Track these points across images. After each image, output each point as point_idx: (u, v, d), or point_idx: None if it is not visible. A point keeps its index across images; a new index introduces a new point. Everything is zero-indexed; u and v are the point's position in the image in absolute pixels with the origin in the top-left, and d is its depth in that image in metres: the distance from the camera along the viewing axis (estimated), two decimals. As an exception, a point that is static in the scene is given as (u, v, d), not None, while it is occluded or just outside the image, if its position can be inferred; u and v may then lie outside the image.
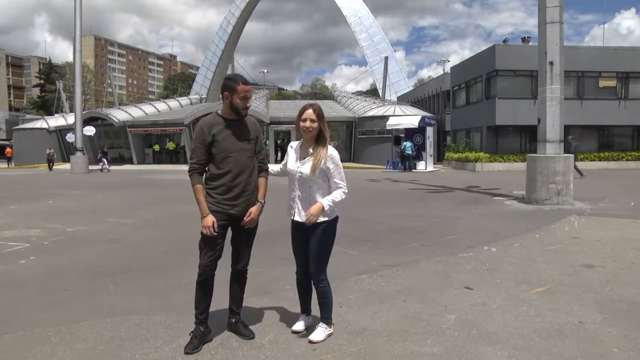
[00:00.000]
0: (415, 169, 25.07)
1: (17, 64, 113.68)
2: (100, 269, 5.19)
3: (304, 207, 3.10)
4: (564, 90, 11.14)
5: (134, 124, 35.30)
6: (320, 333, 3.18)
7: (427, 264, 5.33)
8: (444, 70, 42.37)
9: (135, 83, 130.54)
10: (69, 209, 10.68)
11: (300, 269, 3.30)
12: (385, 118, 29.14)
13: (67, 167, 28.43)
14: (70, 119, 34.79)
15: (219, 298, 3.44)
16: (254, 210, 3.15)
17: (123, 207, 11.08)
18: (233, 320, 3.33)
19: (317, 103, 3.16)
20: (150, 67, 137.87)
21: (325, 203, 3.04)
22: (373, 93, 55.01)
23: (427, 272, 5.02)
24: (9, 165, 38.18)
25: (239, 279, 3.34)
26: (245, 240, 3.26)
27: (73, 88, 31.53)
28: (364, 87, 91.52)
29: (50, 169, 30.26)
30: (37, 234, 7.39)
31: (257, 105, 33.11)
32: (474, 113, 27.68)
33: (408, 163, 24.73)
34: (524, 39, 28.03)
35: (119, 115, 36.02)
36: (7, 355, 3.05)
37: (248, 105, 3.13)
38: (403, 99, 43.26)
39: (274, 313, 3.75)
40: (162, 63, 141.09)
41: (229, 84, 3.09)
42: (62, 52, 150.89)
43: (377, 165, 27.93)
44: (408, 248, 6.24)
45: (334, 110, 37.44)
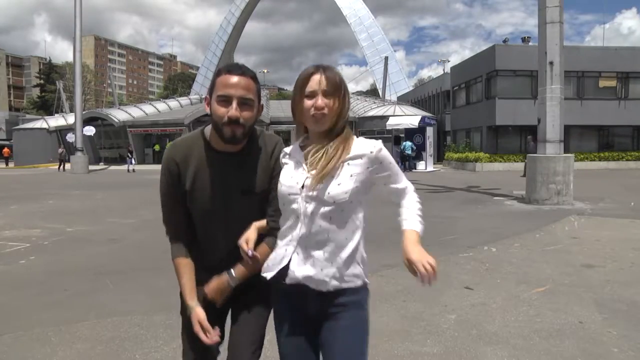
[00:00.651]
0: (415, 169, 25.07)
1: (17, 64, 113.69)
2: (100, 269, 5.19)
3: (311, 256, 1.50)
4: (564, 90, 11.13)
5: (134, 124, 35.30)
6: None
7: (427, 264, 5.32)
8: (444, 70, 42.37)
9: (135, 83, 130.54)
10: (69, 209, 10.68)
11: None
12: (385, 118, 29.15)
13: (67, 167, 28.42)
14: (70, 119, 34.79)
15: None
16: (213, 286, 1.68)
17: (123, 207, 11.08)
18: None
19: (332, 66, 1.56)
20: (150, 67, 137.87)
21: (417, 225, 1.55)
22: (373, 93, 55.00)
23: (427, 272, 5.01)
24: (7, 165, 38.16)
25: None
26: (244, 335, 1.72)
27: (73, 88, 31.56)
28: (364, 87, 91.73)
29: (63, 169, 28.36)
30: (37, 234, 7.39)
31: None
32: (474, 113, 27.68)
33: (408, 163, 24.73)
34: (524, 39, 28.03)
35: (119, 115, 36.02)
36: (7, 355, 3.05)
37: (234, 117, 1.57)
38: (403, 99, 43.26)
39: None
40: (162, 63, 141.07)
41: (212, 80, 1.66)
42: (62, 52, 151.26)
43: (377, 165, 27.87)
44: (408, 248, 6.22)
45: (334, 110, 37.35)
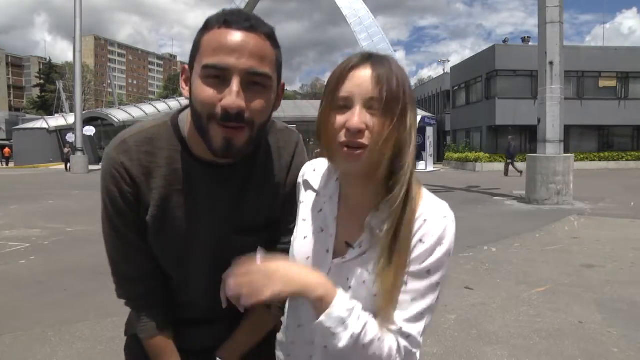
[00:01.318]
0: (416, 169, 25.04)
1: (17, 64, 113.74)
2: (100, 269, 5.18)
3: None
4: (564, 90, 11.14)
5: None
6: None
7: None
8: (444, 70, 42.38)
9: (135, 83, 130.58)
10: (69, 209, 10.67)
11: None
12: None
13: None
14: (70, 119, 34.80)
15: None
16: None
17: (123, 207, 11.07)
18: None
19: (391, 58, 0.90)
20: (150, 67, 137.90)
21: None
22: (373, 93, 54.89)
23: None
24: (7, 165, 38.18)
25: None
26: None
27: (73, 88, 31.56)
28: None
29: (68, 169, 27.73)
30: (37, 234, 7.39)
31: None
32: (474, 113, 27.69)
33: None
34: (524, 39, 28.07)
35: (119, 115, 36.04)
36: (7, 355, 3.05)
37: (234, 108, 0.88)
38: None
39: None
40: (162, 63, 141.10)
41: (196, 39, 0.95)
42: (62, 52, 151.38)
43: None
44: (408, 248, 6.23)
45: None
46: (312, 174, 1.04)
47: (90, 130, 32.54)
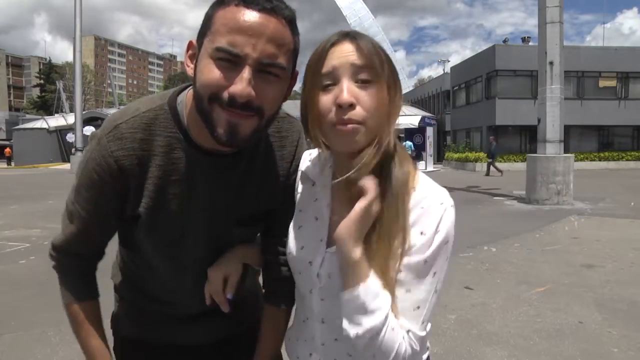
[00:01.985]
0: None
1: (17, 64, 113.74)
2: (100, 269, 5.19)
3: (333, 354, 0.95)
4: (564, 90, 11.14)
5: (134, 124, 35.25)
6: None
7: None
8: (444, 70, 42.40)
9: (135, 83, 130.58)
10: (69, 209, 10.67)
11: None
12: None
13: (67, 167, 28.44)
14: (70, 119, 34.77)
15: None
16: None
17: (123, 207, 11.08)
18: None
19: (367, 35, 0.88)
20: (150, 67, 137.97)
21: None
22: (373, 93, 54.92)
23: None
24: (8, 165, 38.18)
25: None
26: None
27: (73, 88, 31.55)
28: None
29: None
30: (37, 234, 7.39)
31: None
32: (474, 113, 27.69)
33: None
34: (524, 39, 28.07)
35: (119, 115, 35.97)
36: (7, 355, 3.06)
37: (244, 96, 0.82)
38: (403, 99, 43.09)
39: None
40: (162, 63, 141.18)
41: (207, 13, 0.87)
42: (62, 52, 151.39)
43: (377, 165, 27.90)
44: (408, 248, 6.24)
45: (334, 110, 37.40)
46: (308, 164, 1.01)
47: (90, 130, 32.54)
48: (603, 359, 2.93)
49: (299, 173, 1.03)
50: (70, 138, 31.03)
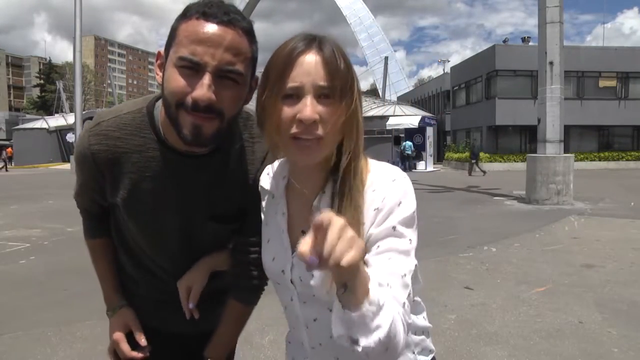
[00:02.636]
0: (415, 169, 25.08)
1: (17, 64, 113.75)
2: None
3: None
4: (564, 90, 11.14)
5: (134, 124, 35.27)
6: None
7: (427, 264, 5.33)
8: (444, 70, 42.42)
9: (135, 83, 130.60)
10: (69, 209, 10.63)
11: None
12: (385, 118, 29.14)
13: (67, 167, 28.45)
14: (70, 119, 34.78)
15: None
16: None
17: (123, 207, 11.08)
18: None
19: (332, 39, 0.86)
20: (150, 67, 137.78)
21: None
22: (373, 93, 55.04)
23: (427, 272, 5.02)
24: (10, 164, 38.16)
25: None
26: None
27: (73, 88, 31.54)
28: (364, 87, 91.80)
29: None
30: (37, 234, 7.39)
31: (251, 110, 32.90)
32: (474, 113, 27.70)
33: (408, 163, 24.73)
34: (524, 39, 28.08)
35: (119, 115, 36.00)
36: (7, 355, 3.06)
37: (204, 100, 0.91)
38: (403, 99, 43.26)
39: (274, 313, 3.75)
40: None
41: (173, 25, 0.97)
42: (61, 51, 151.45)
43: (377, 165, 27.91)
44: (408, 248, 6.24)
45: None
46: (266, 179, 1.02)
47: (90, 131, 32.51)
48: (603, 359, 2.93)
49: (260, 189, 1.04)
50: (70, 138, 31.05)
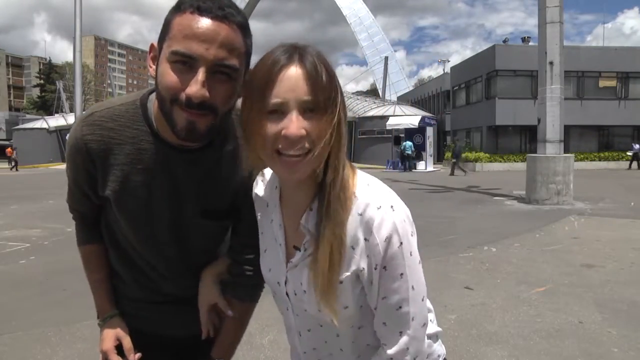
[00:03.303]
0: (415, 169, 25.08)
1: (17, 64, 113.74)
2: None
3: None
4: (564, 90, 11.14)
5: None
6: None
7: (427, 264, 5.31)
8: (444, 70, 42.41)
9: (135, 83, 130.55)
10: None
11: None
12: (385, 118, 29.16)
13: (62, 167, 28.44)
14: (70, 119, 34.81)
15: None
16: None
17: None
18: None
19: (314, 48, 0.87)
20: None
21: None
22: (373, 93, 55.02)
23: (427, 272, 4.96)
24: (10, 165, 38.13)
25: None
26: None
27: (73, 88, 31.53)
28: (364, 87, 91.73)
29: None
30: (37, 234, 7.39)
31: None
32: (474, 113, 27.70)
33: (408, 163, 24.74)
34: (524, 39, 28.08)
35: (119, 115, 35.96)
36: (7, 355, 3.06)
37: (198, 97, 0.90)
38: (403, 99, 43.28)
39: (274, 313, 3.75)
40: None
41: (166, 18, 0.95)
42: (61, 51, 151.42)
43: (377, 165, 27.94)
44: (408, 248, 6.24)
45: (334, 110, 37.41)
46: (260, 186, 1.01)
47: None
48: (603, 359, 2.93)
49: (254, 196, 1.04)
50: (70, 138, 30.99)
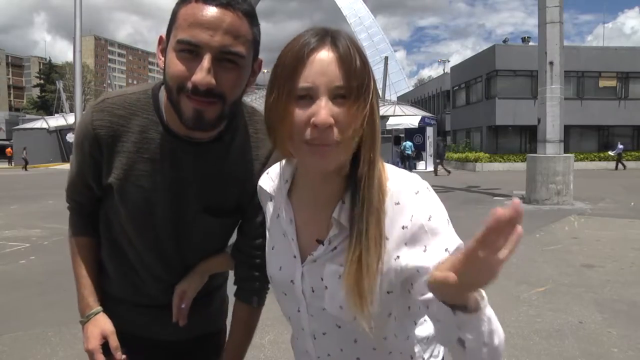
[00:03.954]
0: (415, 169, 25.09)
1: (17, 64, 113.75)
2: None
3: None
4: (564, 90, 11.14)
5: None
6: None
7: (427, 264, 5.34)
8: (444, 70, 42.42)
9: (135, 83, 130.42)
10: (69, 209, 10.68)
11: None
12: (385, 118, 29.09)
13: (67, 167, 28.48)
14: (70, 119, 34.79)
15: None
16: None
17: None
18: None
19: (347, 34, 0.80)
20: (151, 67, 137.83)
21: None
22: (373, 93, 54.96)
23: (427, 272, 5.02)
24: (10, 165, 38.17)
25: None
26: None
27: (73, 88, 31.52)
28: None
29: None
30: (37, 234, 7.39)
31: (257, 106, 32.84)
32: (474, 113, 27.70)
33: (408, 163, 24.74)
34: (524, 39, 28.09)
35: (119, 115, 35.95)
36: (7, 355, 3.06)
37: (204, 84, 0.89)
38: (403, 99, 43.30)
39: (274, 313, 3.75)
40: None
41: (174, 9, 0.97)
42: (61, 51, 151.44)
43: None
44: (408, 248, 6.24)
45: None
46: (266, 180, 0.98)
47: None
48: (603, 359, 2.93)
49: (259, 192, 1.00)
50: (70, 138, 31.00)
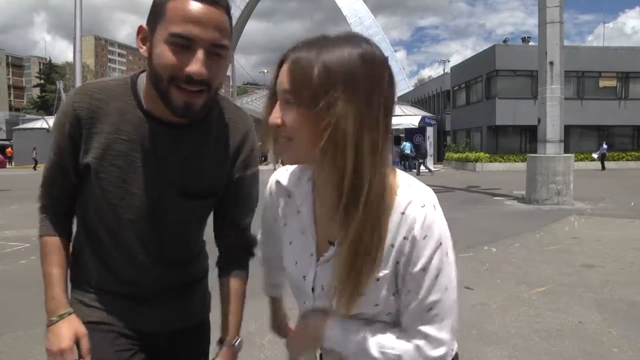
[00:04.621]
0: (415, 169, 25.07)
1: (17, 64, 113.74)
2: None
3: None
4: (564, 90, 11.14)
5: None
6: None
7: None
8: (444, 70, 42.42)
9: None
10: (69, 209, 10.67)
11: None
12: (385, 118, 29.12)
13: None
14: (70, 119, 34.71)
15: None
16: None
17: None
18: None
19: (323, 43, 0.83)
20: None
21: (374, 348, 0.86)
22: (373, 93, 54.90)
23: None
24: (11, 165, 38.17)
25: None
26: None
27: (73, 88, 31.48)
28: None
29: None
30: (37, 234, 7.38)
31: (257, 106, 32.94)
32: (474, 113, 27.70)
33: (408, 163, 24.73)
34: (524, 39, 28.10)
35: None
36: (7, 355, 3.06)
37: (199, 75, 0.98)
38: (403, 99, 43.26)
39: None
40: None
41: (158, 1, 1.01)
42: (61, 51, 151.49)
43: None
44: (408, 248, 6.23)
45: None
46: (284, 175, 1.00)
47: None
48: (603, 359, 2.93)
49: (275, 185, 1.02)
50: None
